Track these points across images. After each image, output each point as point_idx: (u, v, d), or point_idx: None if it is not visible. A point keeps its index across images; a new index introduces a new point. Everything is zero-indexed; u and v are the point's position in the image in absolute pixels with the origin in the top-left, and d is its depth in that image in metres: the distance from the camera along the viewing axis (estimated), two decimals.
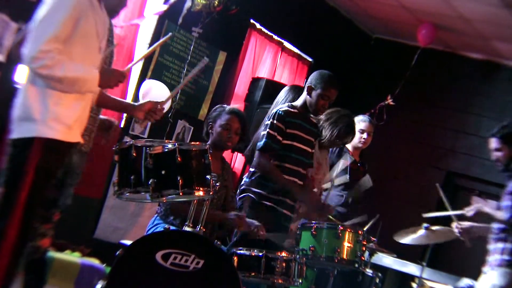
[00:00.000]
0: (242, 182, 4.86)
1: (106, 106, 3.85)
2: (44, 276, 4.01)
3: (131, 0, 5.95)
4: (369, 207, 5.59)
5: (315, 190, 5.09)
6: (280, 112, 4.59)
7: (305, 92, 4.66)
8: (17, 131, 3.30)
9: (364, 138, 5.77)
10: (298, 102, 4.71)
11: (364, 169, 5.87)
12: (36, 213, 3.41)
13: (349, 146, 5.77)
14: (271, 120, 4.59)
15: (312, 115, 4.79)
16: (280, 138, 4.56)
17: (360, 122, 5.76)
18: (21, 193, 3.25)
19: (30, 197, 3.27)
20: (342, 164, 5.13)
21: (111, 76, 3.54)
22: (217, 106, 4.55)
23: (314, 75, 4.67)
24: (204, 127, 4.52)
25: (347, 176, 5.52)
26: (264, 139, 4.55)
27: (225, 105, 4.55)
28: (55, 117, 3.30)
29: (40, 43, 3.19)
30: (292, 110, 4.65)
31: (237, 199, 4.70)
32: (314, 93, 4.61)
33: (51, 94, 3.30)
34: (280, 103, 4.95)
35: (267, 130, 4.57)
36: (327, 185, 5.19)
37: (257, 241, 4.21)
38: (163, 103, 3.75)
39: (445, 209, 5.37)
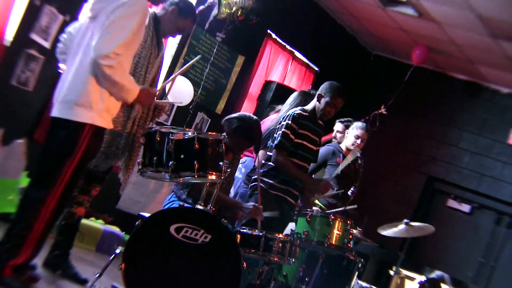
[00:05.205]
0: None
1: None
2: (73, 239, 4.02)
3: None
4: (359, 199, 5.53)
5: None
6: (294, 114, 4.58)
7: (315, 98, 4.66)
8: (71, 114, 3.24)
9: (357, 144, 5.69)
10: (309, 107, 4.70)
11: (354, 167, 5.83)
12: (76, 185, 3.42)
13: (343, 146, 5.74)
14: (286, 120, 4.57)
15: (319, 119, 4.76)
16: (293, 137, 4.54)
17: (358, 129, 5.65)
18: (67, 170, 3.25)
19: (73, 174, 3.28)
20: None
21: (148, 96, 3.53)
22: (240, 125, 4.13)
23: (325, 85, 4.64)
24: (223, 125, 4.21)
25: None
26: (279, 137, 4.53)
27: (247, 126, 4.13)
28: (107, 108, 3.31)
29: (115, 45, 3.13)
30: (303, 113, 4.64)
31: (249, 187, 4.71)
32: (323, 100, 4.60)
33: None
34: (289, 105, 4.98)
35: (283, 129, 4.55)
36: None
37: (263, 223, 4.21)
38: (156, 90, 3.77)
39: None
